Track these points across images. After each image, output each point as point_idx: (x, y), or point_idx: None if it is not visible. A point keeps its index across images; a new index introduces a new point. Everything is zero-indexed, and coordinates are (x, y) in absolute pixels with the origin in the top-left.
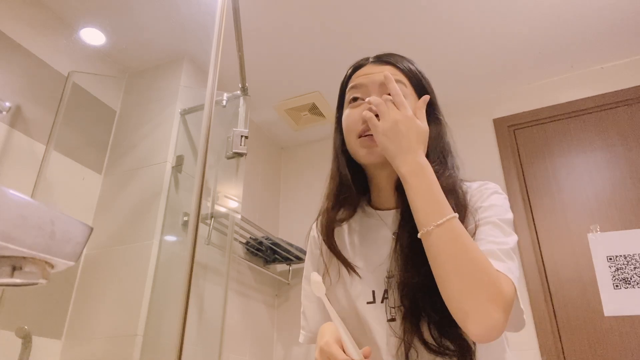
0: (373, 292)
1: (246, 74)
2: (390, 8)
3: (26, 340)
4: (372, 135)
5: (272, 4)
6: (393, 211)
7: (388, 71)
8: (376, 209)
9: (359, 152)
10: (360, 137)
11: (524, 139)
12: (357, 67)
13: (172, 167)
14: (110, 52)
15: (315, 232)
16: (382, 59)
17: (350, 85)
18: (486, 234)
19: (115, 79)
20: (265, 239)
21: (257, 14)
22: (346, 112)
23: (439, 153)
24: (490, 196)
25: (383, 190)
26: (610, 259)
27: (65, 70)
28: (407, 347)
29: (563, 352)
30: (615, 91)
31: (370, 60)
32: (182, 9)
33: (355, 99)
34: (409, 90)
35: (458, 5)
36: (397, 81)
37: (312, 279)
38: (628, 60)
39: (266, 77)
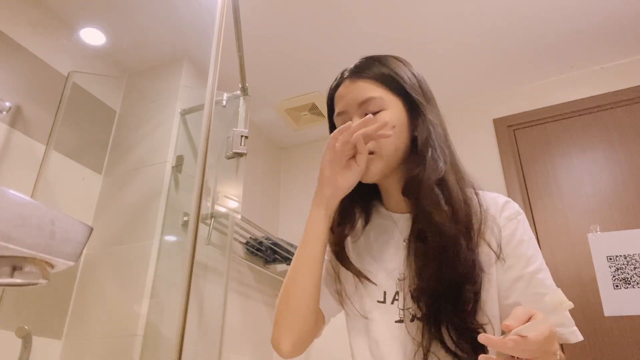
0: (384, 292)
1: (246, 74)
2: (390, 8)
3: (26, 340)
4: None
5: (272, 4)
6: (406, 215)
7: (362, 87)
8: (388, 210)
9: None
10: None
11: (524, 139)
12: (336, 86)
13: (172, 167)
14: (110, 52)
15: None
16: (356, 73)
17: (335, 111)
18: (551, 283)
19: (115, 79)
20: (265, 239)
21: (257, 14)
22: None
23: (424, 151)
24: (531, 233)
25: (392, 194)
26: (610, 259)
27: (65, 70)
28: (426, 350)
29: (563, 352)
30: (615, 91)
31: (346, 75)
32: (182, 9)
33: None
34: (388, 99)
35: (458, 5)
36: (372, 98)
37: (550, 299)
38: (628, 60)
39: (266, 77)
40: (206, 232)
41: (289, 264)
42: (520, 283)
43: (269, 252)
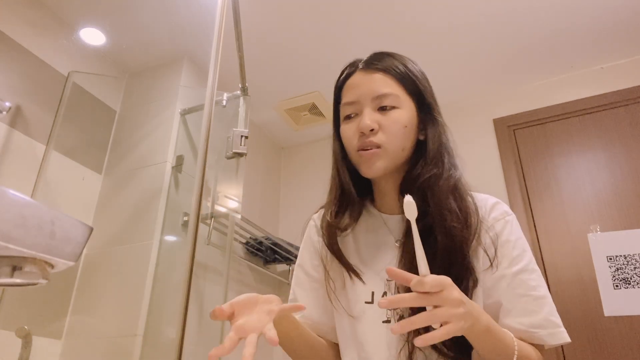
0: (372, 292)
1: (246, 74)
2: (390, 8)
3: (26, 340)
4: (369, 149)
5: (272, 4)
6: (398, 217)
7: (379, 80)
8: (380, 211)
9: (360, 167)
10: (358, 150)
11: (524, 139)
12: (347, 75)
13: (172, 167)
14: (110, 52)
15: (317, 222)
16: (372, 65)
17: (343, 100)
18: (536, 284)
19: (115, 79)
20: (265, 239)
21: (257, 14)
22: (342, 127)
23: (438, 155)
24: (519, 234)
25: (387, 195)
26: (610, 259)
27: (65, 70)
28: (412, 347)
29: (563, 352)
30: (615, 91)
31: (360, 66)
32: (182, 9)
33: (348, 116)
34: (403, 97)
35: (459, 5)
36: (389, 94)
37: (407, 200)
38: (628, 60)
39: (266, 77)
40: (206, 232)
41: (289, 264)
42: (502, 282)
43: (269, 252)
